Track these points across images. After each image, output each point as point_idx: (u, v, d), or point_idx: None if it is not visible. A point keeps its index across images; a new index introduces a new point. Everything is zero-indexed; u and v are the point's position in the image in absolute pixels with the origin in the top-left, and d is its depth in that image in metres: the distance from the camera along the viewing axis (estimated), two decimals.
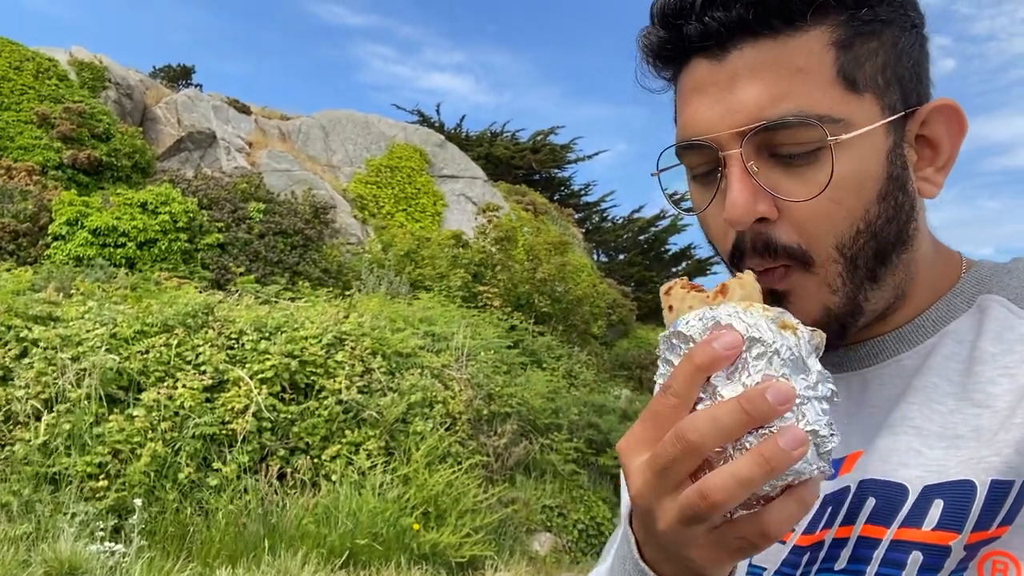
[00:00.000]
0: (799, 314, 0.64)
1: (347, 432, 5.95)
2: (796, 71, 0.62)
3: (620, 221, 23.32)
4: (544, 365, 9.62)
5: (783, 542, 0.71)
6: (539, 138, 22.57)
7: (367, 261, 11.34)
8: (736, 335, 0.52)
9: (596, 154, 30.90)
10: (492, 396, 7.19)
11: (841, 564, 0.66)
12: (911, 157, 0.68)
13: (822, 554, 0.68)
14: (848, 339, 0.70)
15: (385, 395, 6.29)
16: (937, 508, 0.61)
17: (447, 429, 6.42)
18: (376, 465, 5.73)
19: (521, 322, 10.33)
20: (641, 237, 22.80)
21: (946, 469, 0.63)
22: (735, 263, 0.68)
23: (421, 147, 16.36)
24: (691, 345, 0.54)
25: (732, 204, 0.64)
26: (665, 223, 22.59)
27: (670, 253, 22.87)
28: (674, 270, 22.88)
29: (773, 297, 0.67)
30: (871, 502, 0.66)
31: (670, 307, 0.59)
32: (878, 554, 0.63)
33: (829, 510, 0.69)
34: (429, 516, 5.61)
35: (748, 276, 0.58)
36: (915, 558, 0.61)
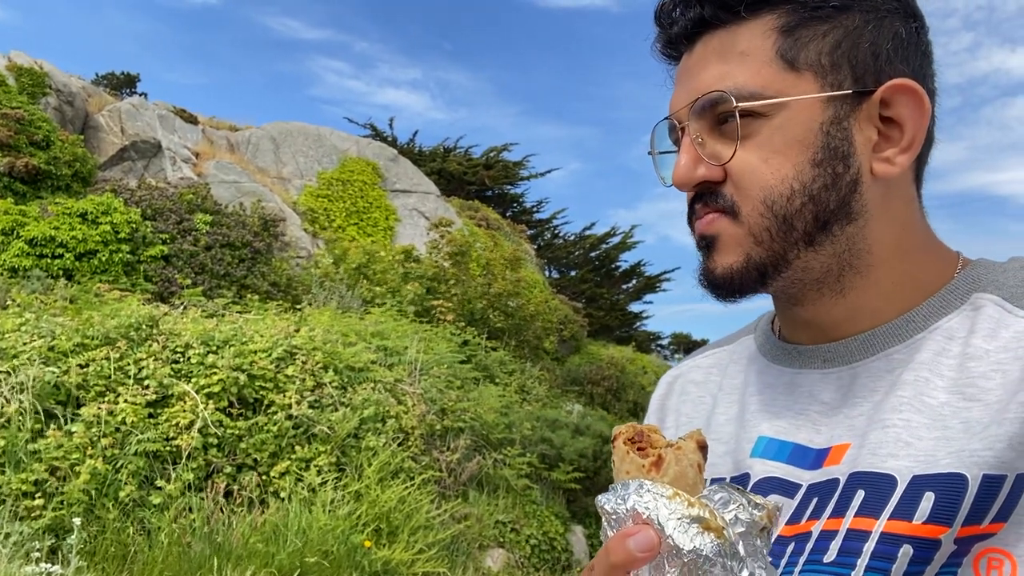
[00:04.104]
0: (720, 257, 0.73)
1: (297, 448, 5.82)
2: (738, 54, 0.71)
3: (572, 238, 23.50)
4: (497, 380, 9.59)
5: None
6: (492, 154, 22.61)
7: (317, 275, 11.18)
8: (651, 536, 0.54)
9: (549, 171, 31.01)
10: (445, 411, 7.14)
11: (830, 557, 0.65)
12: (869, 136, 0.71)
13: (809, 546, 0.67)
14: (767, 286, 0.74)
15: (337, 410, 6.18)
16: (928, 501, 0.62)
17: (400, 444, 6.34)
18: (327, 481, 5.62)
19: (474, 337, 10.30)
20: (592, 254, 23.01)
21: (935, 460, 0.64)
22: (690, 219, 0.77)
23: (374, 161, 16.24)
24: (613, 528, 0.57)
25: (675, 168, 0.73)
26: (616, 240, 22.88)
27: (620, 270, 23.14)
28: (624, 287, 23.14)
29: (704, 242, 0.74)
30: (860, 494, 0.66)
31: (614, 460, 0.60)
32: (868, 547, 0.63)
33: (815, 501, 0.69)
34: (381, 533, 5.52)
35: (688, 444, 0.58)
36: (905, 551, 0.61)
